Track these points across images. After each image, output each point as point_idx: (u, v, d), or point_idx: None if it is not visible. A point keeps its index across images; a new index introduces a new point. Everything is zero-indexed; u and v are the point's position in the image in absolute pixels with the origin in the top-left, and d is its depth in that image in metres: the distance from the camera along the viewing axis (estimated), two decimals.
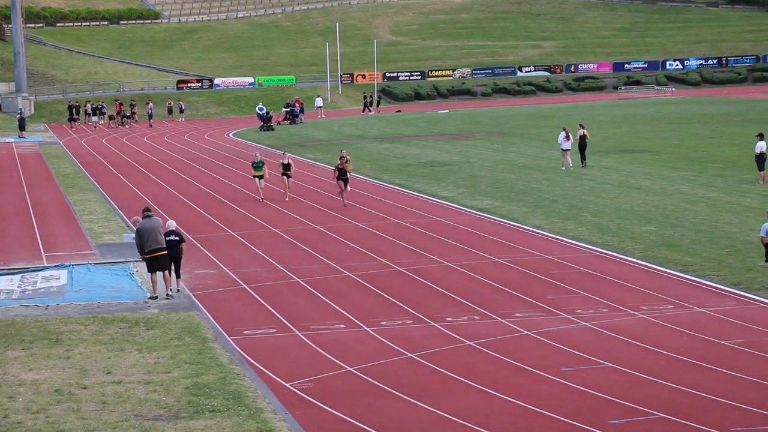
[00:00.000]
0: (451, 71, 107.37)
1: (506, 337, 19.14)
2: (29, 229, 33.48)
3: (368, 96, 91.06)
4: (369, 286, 23.70)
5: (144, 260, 23.41)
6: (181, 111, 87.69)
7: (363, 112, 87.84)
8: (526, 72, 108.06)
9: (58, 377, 17.13)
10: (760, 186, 37.20)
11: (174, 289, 23.28)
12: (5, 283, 24.99)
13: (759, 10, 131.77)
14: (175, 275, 23.55)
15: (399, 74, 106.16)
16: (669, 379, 16.34)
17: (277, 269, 25.90)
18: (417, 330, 19.86)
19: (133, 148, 63.21)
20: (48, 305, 22.58)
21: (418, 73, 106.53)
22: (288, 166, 37.93)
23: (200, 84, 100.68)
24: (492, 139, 59.24)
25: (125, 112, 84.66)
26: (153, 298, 22.85)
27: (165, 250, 22.98)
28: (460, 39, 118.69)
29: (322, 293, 23.08)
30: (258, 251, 28.40)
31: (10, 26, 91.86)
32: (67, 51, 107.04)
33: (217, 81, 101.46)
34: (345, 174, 35.46)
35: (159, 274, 23.04)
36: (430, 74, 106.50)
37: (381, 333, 19.67)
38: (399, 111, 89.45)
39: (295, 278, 24.76)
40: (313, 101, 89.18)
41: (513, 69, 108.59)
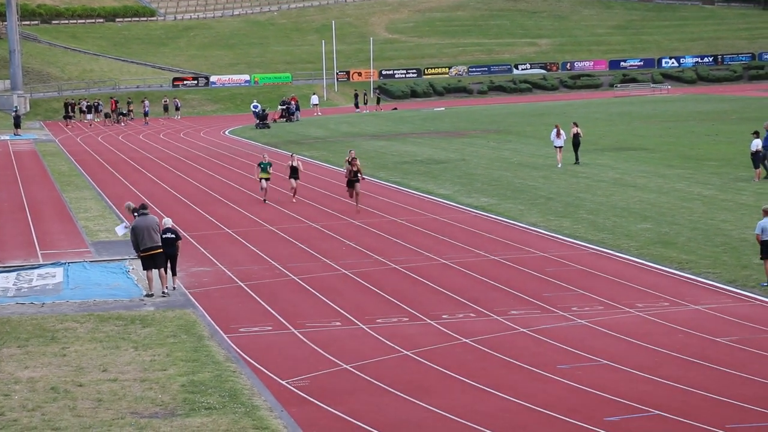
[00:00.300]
0: (448, 69, 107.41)
1: (502, 335, 19.15)
2: (25, 227, 33.45)
3: (363, 94, 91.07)
4: (365, 284, 23.70)
5: (139, 258, 23.42)
6: (177, 109, 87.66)
7: (357, 110, 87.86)
8: (522, 70, 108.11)
9: (54, 375, 17.11)
10: (756, 184, 37.23)
11: (170, 287, 23.28)
12: (1, 281, 24.96)
13: (755, 8, 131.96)
14: (171, 273, 23.56)
15: (395, 72, 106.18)
16: (664, 376, 16.35)
17: (273, 267, 25.89)
18: (413, 327, 19.85)
19: (129, 146, 63.18)
20: (44, 303, 22.55)
21: (414, 71, 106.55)
22: (295, 169, 36.36)
23: (196, 82, 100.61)
24: (488, 137, 59.25)
25: (121, 110, 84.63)
26: (149, 296, 22.83)
27: (160, 248, 22.96)
28: (457, 37, 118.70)
29: (318, 291, 23.07)
30: (254, 249, 28.38)
31: (5, 23, 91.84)
32: (63, 48, 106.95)
33: (213, 78, 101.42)
34: (356, 176, 33.76)
35: (155, 272, 23.02)
36: (426, 72, 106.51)
37: (377, 330, 19.67)
38: (395, 108, 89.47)
39: (291, 276, 24.75)
40: (309, 99, 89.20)
41: (509, 67, 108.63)
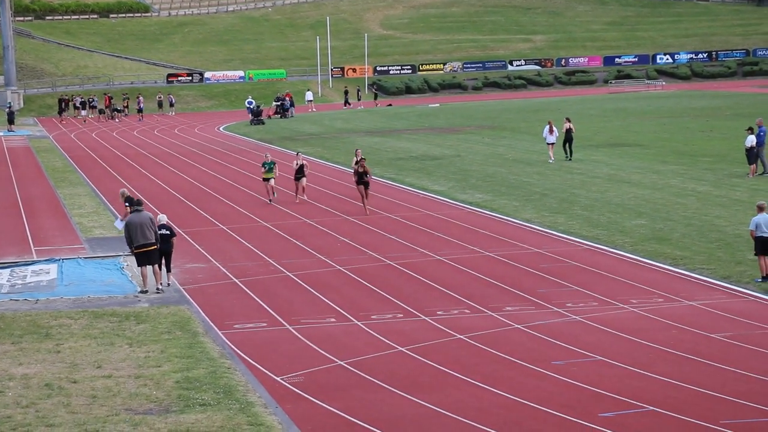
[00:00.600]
0: (442, 65, 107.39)
1: (497, 331, 19.16)
2: (19, 224, 33.39)
3: (357, 90, 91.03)
4: (360, 280, 23.69)
5: (133, 254, 23.40)
6: (171, 105, 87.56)
7: (345, 107, 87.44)
8: (517, 66, 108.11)
9: (48, 371, 17.09)
10: (750, 180, 37.26)
11: (164, 283, 23.26)
12: None
13: (749, 4, 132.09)
14: (166, 269, 23.53)
15: (390, 68, 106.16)
16: (659, 373, 16.37)
17: (268, 263, 25.88)
18: (408, 324, 19.85)
19: (123, 142, 63.09)
20: (38, 299, 22.52)
21: (409, 67, 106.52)
22: (301, 169, 35.50)
23: (190, 78, 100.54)
24: (483, 133, 59.25)
25: (115, 106, 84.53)
26: (143, 292, 22.81)
27: (154, 245, 22.93)
28: (451, 33, 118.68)
29: (313, 287, 23.07)
30: (248, 245, 28.36)
31: None
32: (57, 44, 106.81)
33: (208, 75, 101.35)
34: (365, 177, 32.42)
35: (149, 268, 23.00)
36: (421, 68, 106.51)
37: (372, 327, 19.67)
38: (390, 105, 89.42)
39: (286, 272, 24.73)
40: (304, 95, 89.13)
41: (504, 63, 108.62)
